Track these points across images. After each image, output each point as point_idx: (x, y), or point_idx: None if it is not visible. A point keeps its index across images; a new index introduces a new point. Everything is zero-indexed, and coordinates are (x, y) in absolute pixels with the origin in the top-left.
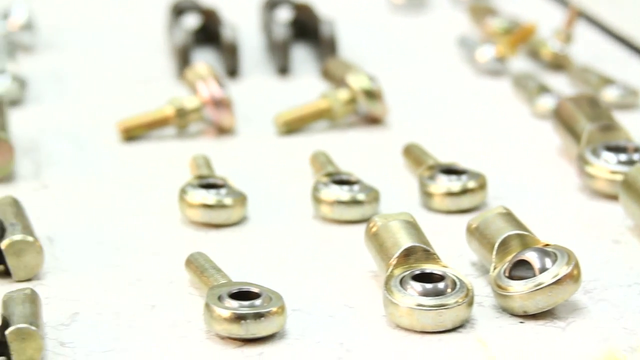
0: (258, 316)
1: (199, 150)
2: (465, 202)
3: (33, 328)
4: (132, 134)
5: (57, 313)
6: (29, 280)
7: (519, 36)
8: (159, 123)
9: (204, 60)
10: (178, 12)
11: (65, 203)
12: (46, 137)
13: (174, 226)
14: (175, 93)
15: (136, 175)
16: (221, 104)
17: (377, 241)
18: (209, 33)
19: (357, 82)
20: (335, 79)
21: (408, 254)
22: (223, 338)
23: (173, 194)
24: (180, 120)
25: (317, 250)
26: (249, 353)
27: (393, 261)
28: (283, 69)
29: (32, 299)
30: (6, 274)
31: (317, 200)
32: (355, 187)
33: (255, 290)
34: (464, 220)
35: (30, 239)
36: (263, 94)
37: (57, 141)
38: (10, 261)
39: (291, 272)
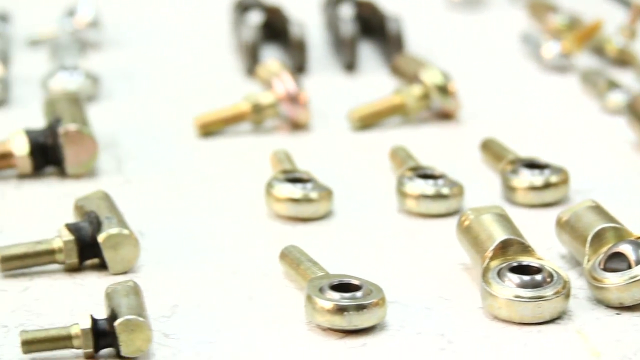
0: (360, 308)
1: (275, 145)
2: (549, 196)
3: (141, 319)
4: (209, 130)
5: (157, 305)
6: (124, 273)
7: (586, 32)
8: (235, 119)
9: (270, 57)
10: (243, 9)
11: (151, 198)
12: (123, 133)
13: (261, 220)
14: (245, 89)
15: (216, 170)
16: (297, 99)
17: (470, 234)
18: (273, 30)
19: (430, 78)
20: (406, 75)
21: (503, 247)
22: (324, 329)
23: (255, 188)
24: (256, 116)
25: (405, 244)
26: (352, 344)
27: (489, 254)
28: (350, 65)
29: (136, 291)
30: (101, 267)
31: (402, 194)
32: (440, 181)
33: (356, 282)
34: (547, 214)
35: (126, 232)
36: (331, 90)
37: (134, 137)
38: (107, 254)
39: (382, 265)
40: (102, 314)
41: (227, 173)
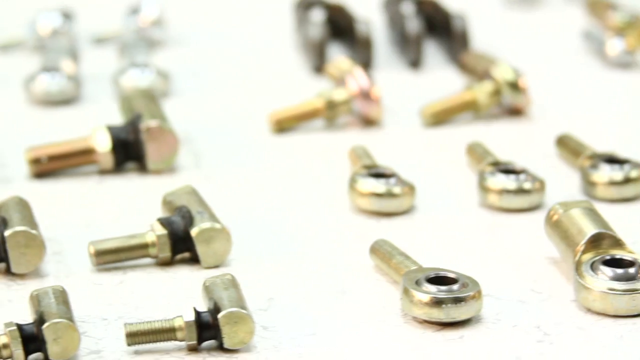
0: (458, 300)
1: (347, 141)
2: (629, 191)
3: (244, 311)
4: (283, 126)
5: (253, 298)
6: (216, 267)
7: None
8: (309, 115)
9: (337, 54)
10: (305, 7)
11: (231, 193)
12: (196, 129)
13: (345, 215)
14: (312, 87)
15: (292, 166)
16: (370, 96)
17: (560, 228)
18: (336, 27)
19: (502, 74)
20: (475, 71)
21: (595, 240)
22: (420, 322)
23: (334, 183)
24: (330, 113)
25: (490, 239)
26: (450, 336)
27: (580, 247)
28: (415, 63)
29: (234, 284)
30: (192, 261)
31: (484, 189)
32: (522, 176)
33: (452, 275)
34: (627, 208)
35: (218, 226)
36: (397, 87)
37: (208, 133)
38: (200, 248)
39: (469, 260)
40: (197, 306)
41: (304, 169)
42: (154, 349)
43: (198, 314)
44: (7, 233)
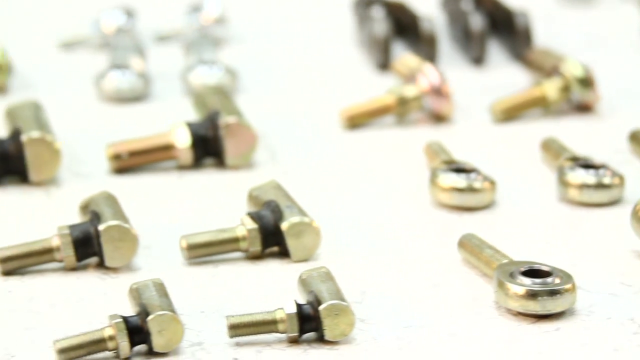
0: (553, 293)
1: (419, 137)
2: None
3: (345, 304)
4: (355, 122)
5: (347, 291)
6: (305, 261)
7: None
8: (381, 111)
9: (403, 51)
10: (366, 4)
11: (310, 188)
12: (268, 125)
13: (426, 210)
14: (377, 83)
15: (367, 161)
16: (441, 92)
17: None
18: (397, 24)
19: (571, 70)
20: (543, 68)
21: None
22: (514, 314)
23: (411, 178)
24: (401, 109)
25: (572, 233)
26: (546, 328)
27: None
28: (478, 59)
29: (330, 277)
30: (281, 254)
31: (564, 184)
32: (601, 171)
33: (545, 268)
34: None
35: (307, 220)
36: (461, 83)
37: (280, 129)
38: (290, 242)
39: (555, 253)
40: (289, 299)
41: (379, 164)
42: (255, 340)
43: (299, 306)
44: (101, 227)
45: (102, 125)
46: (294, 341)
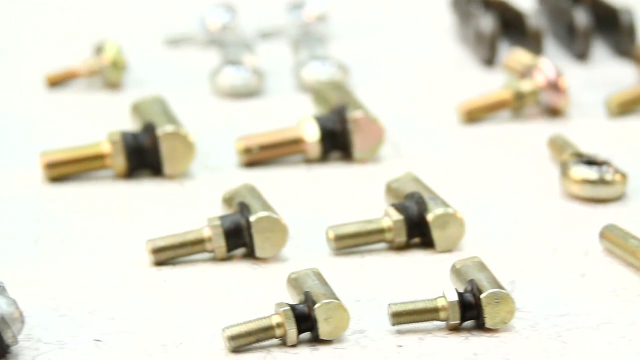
0: None
1: (537, 131)
2: None
3: (505, 291)
4: (472, 117)
5: None
6: (449, 251)
7: None
8: (498, 106)
9: (512, 47)
10: (467, 1)
11: (437, 181)
12: (387, 120)
13: (558, 202)
14: (486, 79)
15: (489, 154)
16: (557, 87)
17: None
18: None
19: None
20: None
21: None
22: None
23: (536, 171)
24: (517, 103)
25: None
26: None
27: None
28: (583, 55)
29: (485, 266)
30: (423, 245)
31: None
32: None
33: None
34: None
35: (451, 211)
36: (568, 79)
37: (398, 123)
38: (436, 233)
39: None
40: (438, 288)
41: (501, 158)
42: (415, 328)
43: (460, 294)
44: (252, 218)
45: (220, 120)
46: (454, 329)
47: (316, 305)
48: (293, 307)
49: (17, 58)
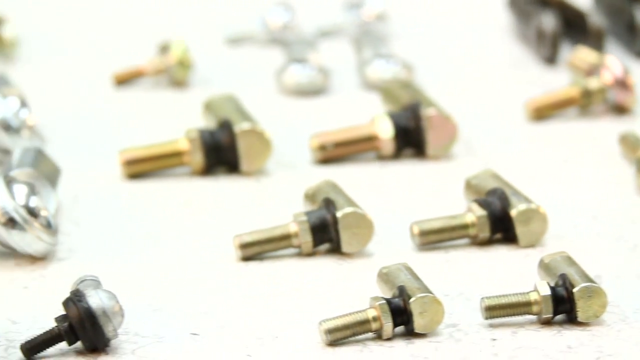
0: None
1: (604, 129)
2: None
3: (598, 285)
4: (541, 114)
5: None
6: (532, 246)
7: None
8: (566, 104)
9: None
10: (525, 1)
11: (513, 178)
12: (456, 117)
13: (635, 198)
14: (548, 77)
15: (561, 151)
16: (625, 84)
17: None
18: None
19: None
20: None
21: None
22: None
23: (608, 168)
24: (584, 101)
25: None
26: None
27: None
28: None
29: (573, 261)
30: (505, 240)
31: None
32: None
33: None
34: None
35: (534, 206)
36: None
37: (467, 121)
38: (519, 228)
39: None
40: (525, 283)
41: (572, 154)
42: (508, 322)
43: (552, 288)
44: (339, 214)
45: (288, 117)
46: (546, 322)
47: (412, 299)
48: (389, 301)
49: (78, 58)
